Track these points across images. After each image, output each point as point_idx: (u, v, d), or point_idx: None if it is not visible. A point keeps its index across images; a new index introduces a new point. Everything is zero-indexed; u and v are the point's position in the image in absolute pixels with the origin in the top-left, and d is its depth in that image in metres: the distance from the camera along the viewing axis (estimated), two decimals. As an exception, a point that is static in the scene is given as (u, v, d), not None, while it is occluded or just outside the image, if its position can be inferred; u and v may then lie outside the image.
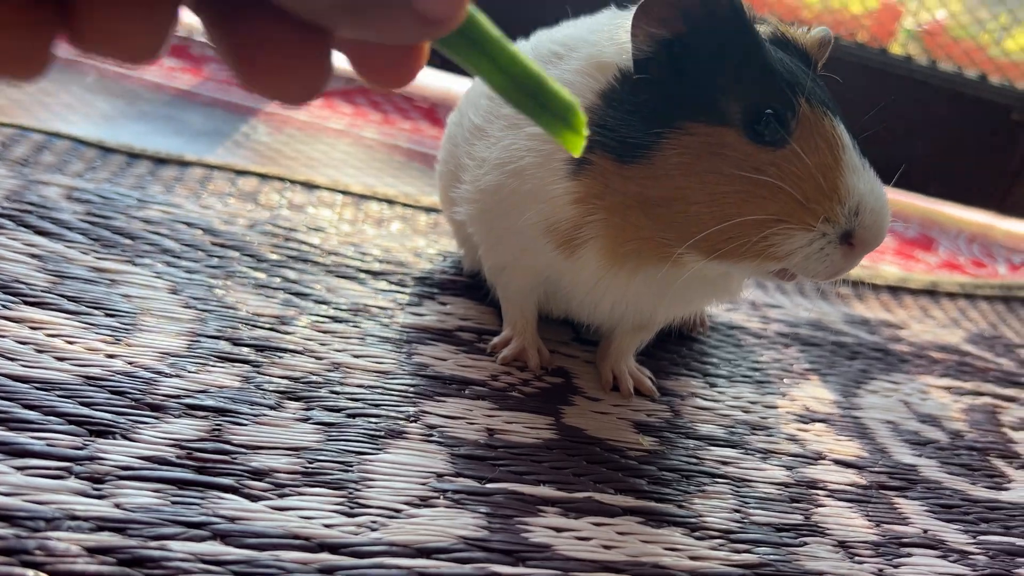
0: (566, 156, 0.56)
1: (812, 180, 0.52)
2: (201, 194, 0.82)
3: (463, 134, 0.68)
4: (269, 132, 1.10)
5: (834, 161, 0.52)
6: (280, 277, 0.71)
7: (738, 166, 0.52)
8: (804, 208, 0.52)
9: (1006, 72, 1.59)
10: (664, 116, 0.53)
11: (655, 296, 0.60)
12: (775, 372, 0.77)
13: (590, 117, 0.56)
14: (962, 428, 0.75)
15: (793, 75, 0.53)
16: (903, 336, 0.90)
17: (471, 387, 0.63)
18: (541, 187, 0.58)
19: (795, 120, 0.52)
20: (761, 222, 0.52)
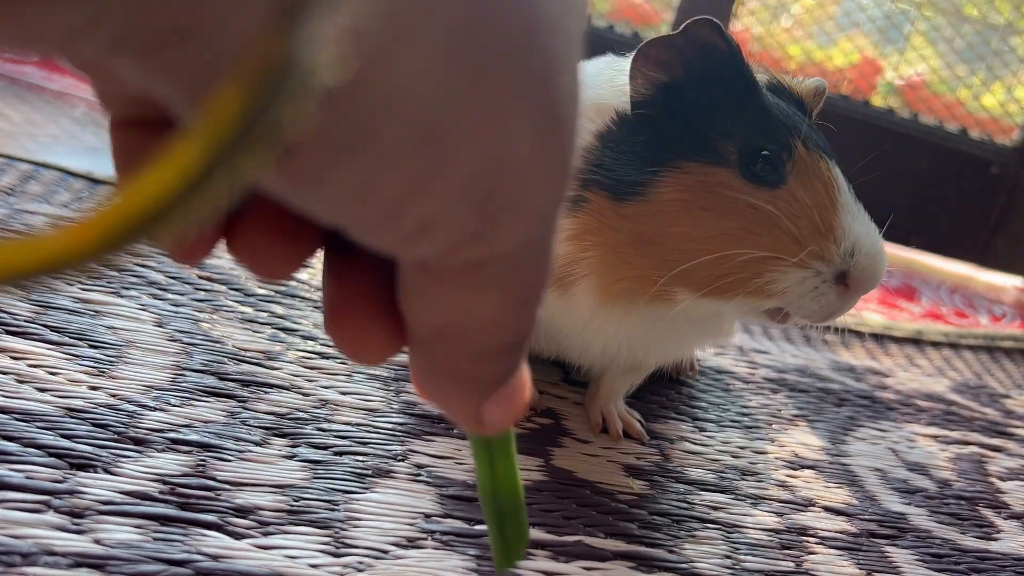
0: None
1: (808, 219, 0.52)
2: (188, 228, 0.81)
3: None
4: (257, 168, 1.10)
5: (830, 202, 0.53)
6: (267, 312, 0.70)
7: (734, 204, 0.52)
8: (799, 246, 0.52)
9: (984, 127, 1.62)
10: (660, 156, 0.54)
11: (647, 337, 0.60)
12: (763, 417, 0.77)
13: (586, 157, 0.56)
14: (950, 477, 0.75)
15: (789, 118, 0.54)
16: (889, 384, 0.90)
17: (457, 427, 0.62)
18: None
19: (791, 161, 0.53)
20: (756, 260, 0.52)
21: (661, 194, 0.53)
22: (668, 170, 0.53)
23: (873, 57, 1.97)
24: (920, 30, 1.75)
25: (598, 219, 0.55)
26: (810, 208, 0.52)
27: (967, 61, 1.72)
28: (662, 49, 0.54)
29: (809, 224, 0.52)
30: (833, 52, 1.88)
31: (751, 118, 0.54)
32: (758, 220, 0.52)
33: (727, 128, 0.54)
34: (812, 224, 0.52)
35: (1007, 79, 1.67)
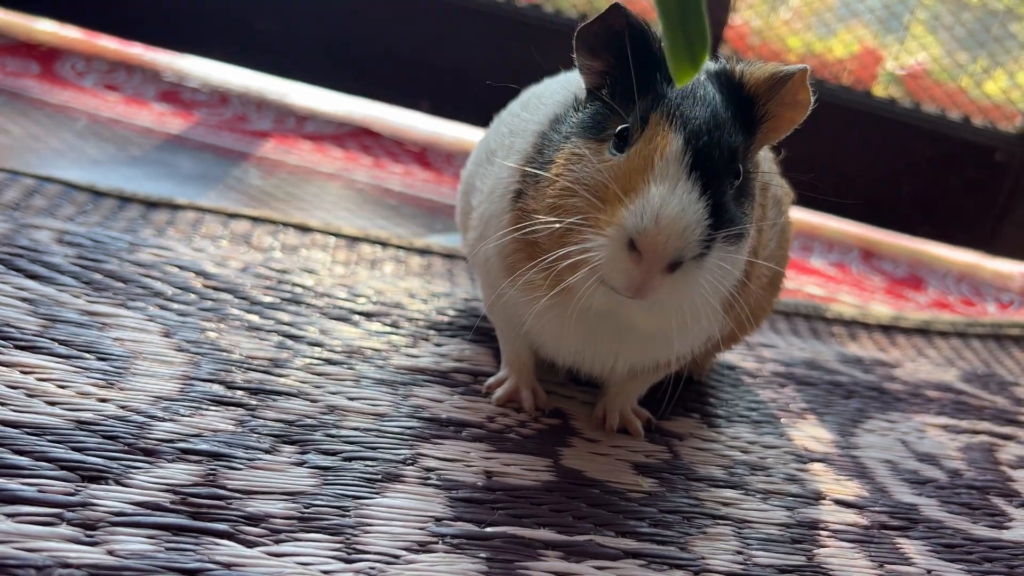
0: (516, 185, 0.59)
1: (617, 185, 0.52)
2: (193, 237, 0.82)
3: (479, 156, 0.71)
4: (261, 176, 1.10)
5: (644, 168, 0.52)
6: (273, 319, 0.70)
7: (582, 173, 0.54)
8: (600, 211, 0.52)
9: (987, 114, 1.61)
10: (571, 136, 0.57)
11: (595, 336, 0.60)
12: (772, 411, 0.77)
13: (538, 141, 0.60)
14: (960, 467, 0.74)
15: (667, 96, 0.55)
16: (898, 375, 0.90)
17: (468, 429, 0.62)
18: (500, 211, 0.61)
19: (639, 132, 0.53)
20: (576, 228, 0.53)
21: (552, 169, 0.56)
22: (563, 146, 0.56)
23: (873, 47, 1.97)
24: (920, 18, 1.74)
25: (530, 207, 0.57)
26: (624, 174, 0.52)
27: (968, 48, 1.72)
28: (588, 37, 0.57)
29: (612, 190, 0.52)
30: (833, 43, 1.88)
31: (638, 95, 0.55)
32: (585, 188, 0.53)
33: (621, 105, 0.55)
34: (619, 190, 0.52)
35: (1009, 65, 1.66)
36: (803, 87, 0.59)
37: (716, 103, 0.56)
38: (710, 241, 0.53)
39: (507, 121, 0.71)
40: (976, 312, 1.28)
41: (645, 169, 0.52)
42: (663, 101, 0.55)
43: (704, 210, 0.52)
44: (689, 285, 0.53)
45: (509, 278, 0.61)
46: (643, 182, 0.52)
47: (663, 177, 0.52)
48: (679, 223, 0.51)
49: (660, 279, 0.52)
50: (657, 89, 0.56)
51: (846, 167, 1.56)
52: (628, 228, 0.51)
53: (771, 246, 0.70)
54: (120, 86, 1.32)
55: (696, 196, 0.52)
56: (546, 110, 0.64)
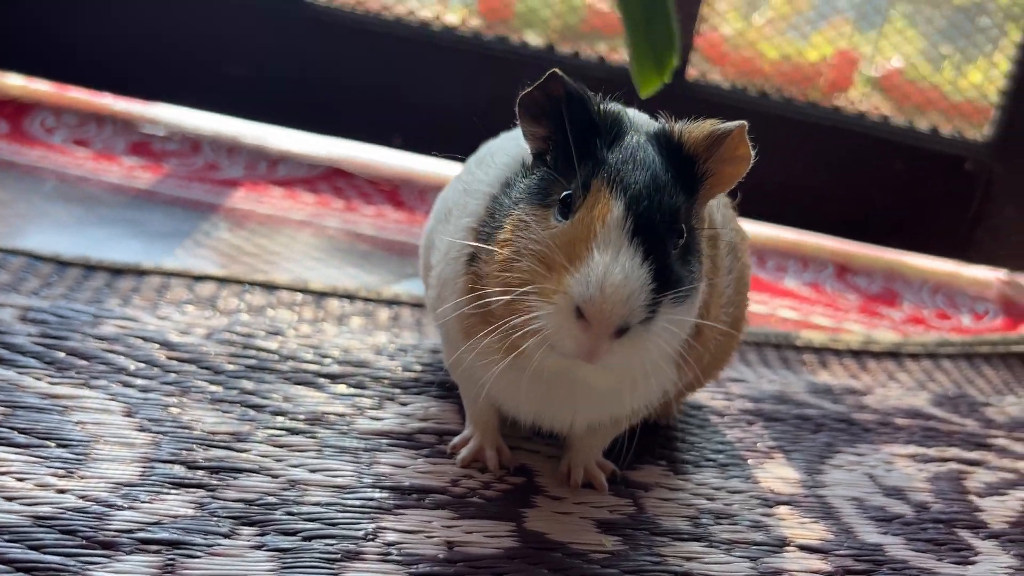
0: (470, 248, 0.60)
1: (563, 253, 0.53)
2: (159, 303, 0.82)
3: (439, 212, 0.71)
4: (230, 228, 1.11)
5: (588, 235, 0.53)
6: (237, 389, 0.71)
7: (529, 241, 0.55)
8: (547, 280, 0.53)
9: (963, 111, 1.61)
10: (519, 202, 0.58)
11: (552, 397, 0.60)
12: (740, 452, 0.77)
13: (489, 204, 0.61)
14: (928, 499, 0.75)
15: (607, 162, 0.55)
16: (868, 403, 0.91)
17: (431, 495, 0.62)
18: (455, 274, 0.62)
19: (582, 198, 0.54)
20: (526, 298, 0.53)
21: (501, 236, 0.57)
22: (512, 213, 0.57)
23: (848, 50, 1.98)
24: (901, 11, 1.74)
25: (483, 271, 0.58)
26: (569, 242, 0.53)
27: (950, 39, 1.72)
28: (529, 104, 0.58)
29: (560, 258, 0.53)
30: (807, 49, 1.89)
31: (581, 162, 0.56)
32: (532, 256, 0.54)
33: (564, 171, 0.56)
34: (564, 258, 0.53)
35: (990, 54, 1.66)
36: (742, 143, 0.60)
37: (656, 166, 0.57)
38: (656, 305, 0.53)
39: (464, 179, 0.71)
40: (951, 325, 1.29)
41: (588, 237, 0.53)
42: (604, 167, 0.56)
43: (648, 275, 0.53)
44: (637, 348, 0.54)
45: (466, 342, 0.61)
46: (586, 250, 0.53)
47: (606, 244, 0.53)
48: (624, 290, 0.52)
49: (608, 344, 0.53)
50: (598, 155, 0.57)
51: (819, 183, 1.57)
52: (575, 297, 0.52)
53: (728, 292, 0.70)
54: (90, 140, 1.33)
55: (639, 262, 0.53)
56: (497, 172, 0.65)
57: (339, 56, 1.52)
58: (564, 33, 1.99)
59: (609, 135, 0.58)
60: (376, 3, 1.55)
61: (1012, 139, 1.54)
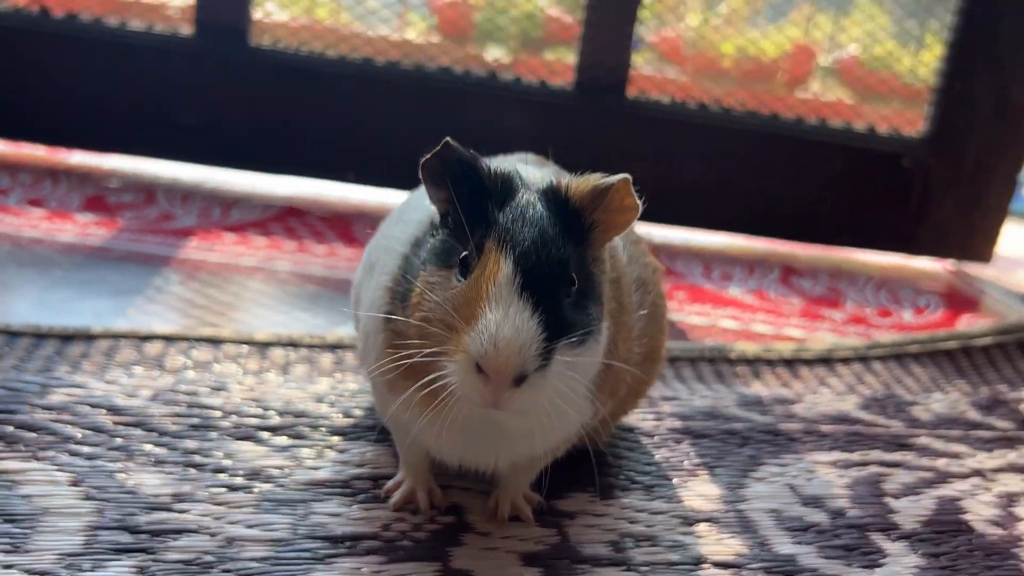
0: (387, 306, 0.65)
1: (461, 312, 0.58)
2: (107, 367, 0.86)
3: (365, 266, 0.75)
4: (181, 281, 1.14)
5: (481, 294, 0.57)
6: (180, 449, 0.74)
7: (433, 302, 0.59)
8: (450, 338, 0.58)
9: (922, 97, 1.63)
10: (426, 263, 0.62)
11: (472, 440, 0.64)
12: (666, 472, 0.81)
13: (404, 262, 0.65)
14: (845, 505, 0.79)
15: (498, 223, 0.60)
16: (796, 412, 0.95)
17: (363, 542, 0.66)
18: (375, 330, 0.66)
19: (476, 261, 0.59)
20: (438, 354, 0.58)
21: (410, 301, 0.61)
22: (420, 273, 0.62)
23: (805, 43, 2.03)
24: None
25: (399, 328, 0.63)
26: (465, 303, 0.58)
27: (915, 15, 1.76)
28: (428, 168, 0.63)
29: (459, 317, 0.58)
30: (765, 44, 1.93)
31: (476, 223, 0.61)
32: (437, 317, 0.59)
33: (462, 234, 0.61)
34: (461, 316, 0.58)
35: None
36: (627, 194, 0.64)
37: (544, 221, 0.61)
38: (550, 352, 0.57)
39: (384, 233, 0.75)
40: (892, 322, 1.34)
41: (481, 296, 0.57)
42: (495, 228, 0.60)
43: (538, 326, 0.57)
44: (537, 393, 0.58)
45: (390, 394, 0.65)
46: (480, 309, 0.57)
47: (497, 302, 0.57)
48: (515, 343, 0.56)
49: (510, 393, 0.57)
50: (490, 216, 0.61)
51: (768, 190, 1.61)
52: (472, 354, 0.56)
53: (640, 326, 0.74)
54: (45, 199, 1.36)
55: (528, 315, 0.57)
56: (411, 230, 0.69)
57: (287, 97, 1.56)
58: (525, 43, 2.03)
59: (500, 196, 0.63)
60: (320, 43, 1.59)
61: (945, 134, 1.59)
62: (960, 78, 1.56)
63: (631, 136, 1.58)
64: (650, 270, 0.79)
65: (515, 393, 0.57)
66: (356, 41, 1.61)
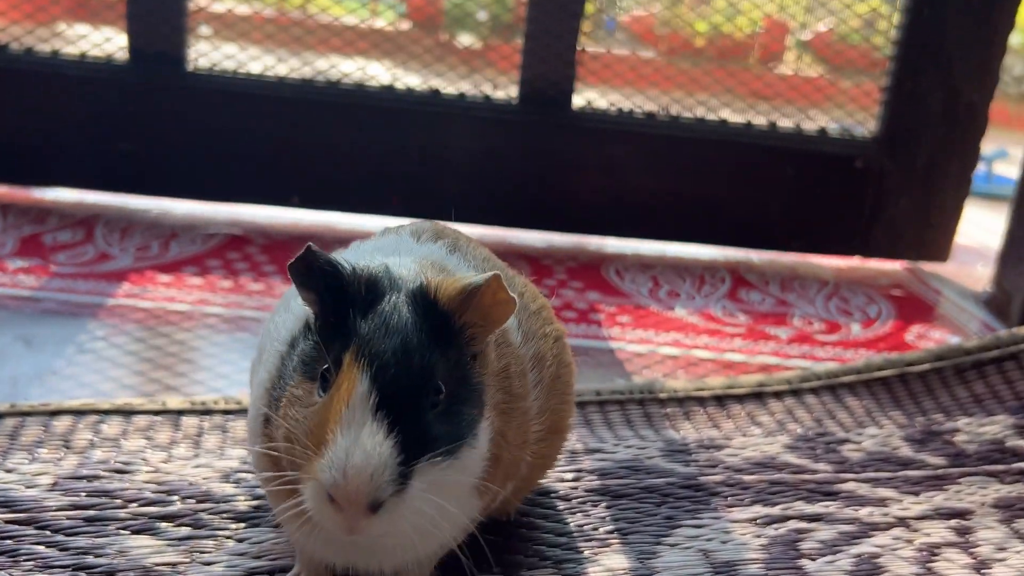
0: (265, 409, 0.63)
1: (311, 434, 0.56)
2: (10, 451, 0.84)
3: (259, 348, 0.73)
4: (106, 335, 1.12)
5: (333, 416, 0.55)
6: (72, 548, 0.73)
7: (296, 419, 0.58)
8: (305, 461, 0.56)
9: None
10: (295, 371, 0.61)
11: (355, 551, 0.63)
12: (577, 544, 0.80)
13: (280, 362, 0.63)
14: (757, 572, 0.78)
15: (359, 333, 0.58)
16: (721, 458, 0.93)
17: (247, 650, 0.65)
18: (254, 432, 0.66)
19: (334, 376, 0.57)
20: (297, 477, 0.56)
21: (280, 410, 0.59)
22: (288, 384, 0.60)
23: (779, 19, 1.99)
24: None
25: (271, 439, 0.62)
26: (319, 424, 0.56)
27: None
28: (293, 272, 0.60)
29: (311, 440, 0.56)
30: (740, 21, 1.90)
31: (336, 335, 0.59)
32: (296, 436, 0.57)
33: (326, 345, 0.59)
34: (313, 440, 0.56)
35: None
36: (499, 289, 0.61)
37: (408, 328, 0.59)
38: (406, 475, 0.56)
39: (273, 319, 0.73)
40: (839, 337, 1.32)
41: (335, 418, 0.56)
42: (355, 339, 0.58)
43: (393, 449, 0.55)
44: (395, 518, 0.56)
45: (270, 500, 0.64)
46: (332, 432, 0.55)
47: (348, 424, 0.55)
48: (365, 471, 0.54)
49: (366, 520, 0.55)
50: (351, 327, 0.59)
51: (713, 196, 1.59)
52: (322, 483, 0.54)
53: (537, 404, 0.72)
54: (-23, 244, 1.34)
55: (382, 437, 0.55)
56: (289, 325, 0.67)
57: (227, 121, 1.53)
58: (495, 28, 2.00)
59: (364, 302, 0.60)
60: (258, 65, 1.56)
61: (898, 134, 1.57)
62: (910, 77, 1.53)
63: (577, 148, 1.56)
64: (550, 341, 0.77)
65: (372, 520, 0.55)
66: (323, 33, 1.59)
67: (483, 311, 0.62)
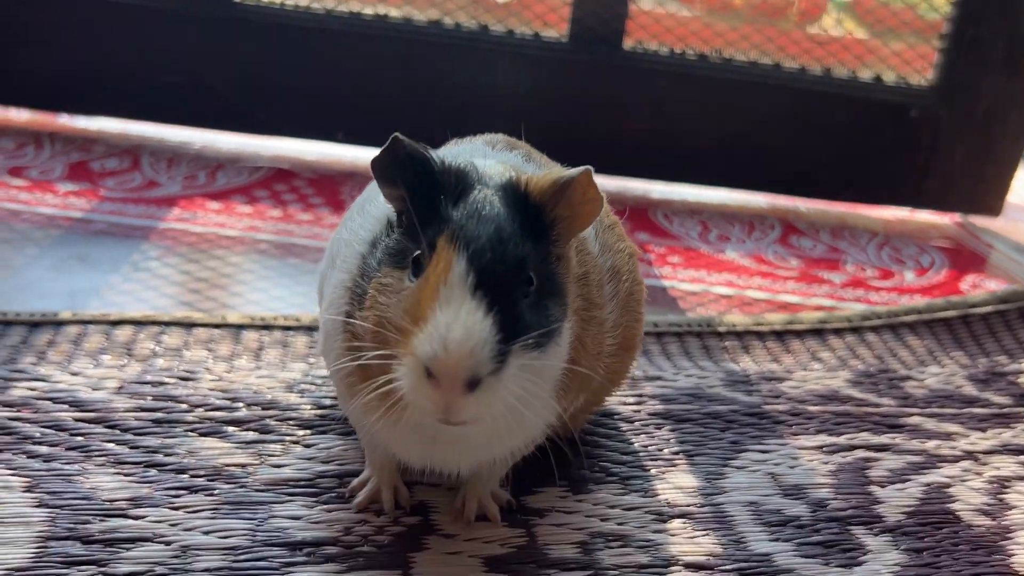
0: (346, 306, 0.62)
1: (407, 313, 0.55)
2: (74, 356, 0.84)
3: (328, 257, 0.73)
4: (160, 256, 1.12)
5: (431, 294, 0.54)
6: (142, 447, 0.73)
7: (386, 305, 0.57)
8: (400, 342, 0.55)
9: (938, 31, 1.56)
10: (381, 264, 0.60)
11: (437, 446, 0.62)
12: (643, 462, 0.79)
13: (361, 264, 0.63)
14: (827, 495, 0.77)
15: (452, 220, 0.57)
16: (783, 390, 0.92)
17: (322, 548, 0.65)
18: (334, 331, 0.64)
19: (428, 259, 0.56)
20: (388, 357, 0.55)
21: (366, 303, 0.59)
22: (375, 275, 0.59)
23: None
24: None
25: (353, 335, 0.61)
26: (416, 303, 0.55)
27: None
28: (378, 165, 0.60)
29: (408, 318, 0.55)
30: None
31: (427, 221, 0.58)
32: (389, 320, 0.56)
33: (414, 232, 0.58)
34: (410, 318, 0.55)
35: None
36: (590, 186, 0.60)
37: (500, 218, 0.58)
38: (504, 354, 0.55)
39: (348, 225, 0.72)
40: (893, 283, 1.30)
41: (433, 296, 0.55)
42: (448, 224, 0.57)
43: (492, 326, 0.54)
44: (492, 398, 0.55)
45: (349, 395, 0.63)
46: (431, 309, 0.54)
47: (448, 302, 0.54)
48: (466, 344, 0.53)
49: (463, 399, 0.54)
50: (443, 213, 0.58)
51: (765, 142, 1.56)
52: (420, 356, 0.53)
53: (612, 318, 0.71)
54: (27, 167, 1.33)
55: (482, 315, 0.54)
56: (368, 228, 0.66)
57: (273, 54, 1.52)
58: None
59: (454, 192, 0.59)
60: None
61: (956, 83, 1.53)
62: (971, 23, 1.49)
63: (627, 89, 1.53)
64: (624, 257, 0.76)
65: (468, 400, 0.54)
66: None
67: (573, 207, 0.60)
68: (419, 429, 0.61)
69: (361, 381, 0.60)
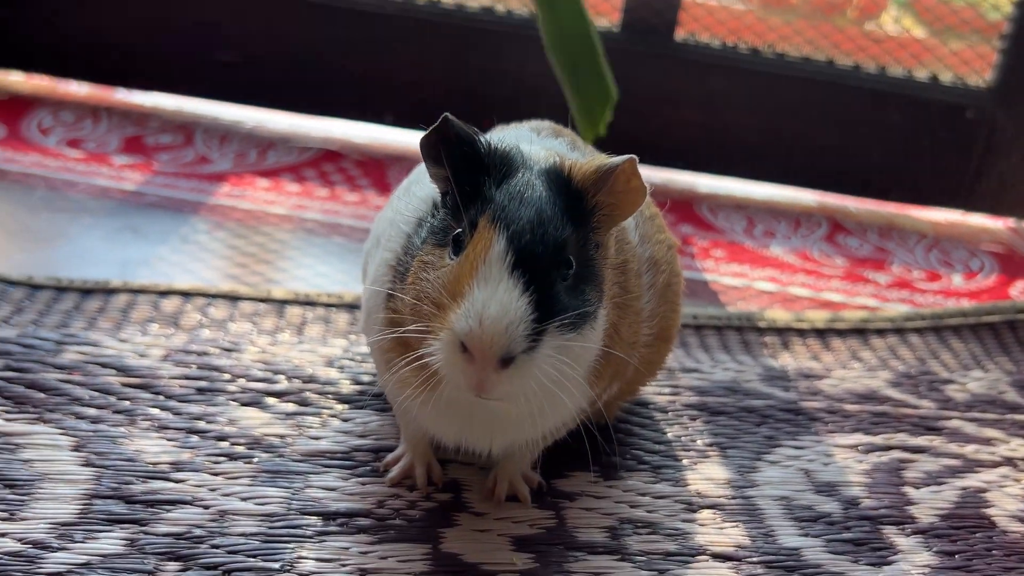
0: (389, 284, 0.63)
1: (448, 289, 0.56)
2: (123, 324, 0.86)
3: (373, 237, 0.74)
4: (209, 230, 1.14)
5: (470, 271, 0.55)
6: (184, 414, 0.75)
7: (427, 282, 0.58)
8: (437, 316, 0.56)
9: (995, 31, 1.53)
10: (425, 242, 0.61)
11: (470, 424, 0.63)
12: (675, 452, 0.79)
13: (405, 243, 0.63)
14: (860, 494, 0.76)
15: (494, 200, 0.58)
16: (821, 388, 0.92)
17: (355, 519, 0.66)
18: (376, 307, 0.66)
19: (469, 238, 0.57)
20: (427, 332, 0.56)
21: (410, 274, 0.60)
22: (419, 253, 0.60)
23: None
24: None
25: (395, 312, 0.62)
26: (454, 280, 0.56)
27: None
28: (427, 147, 0.61)
29: (446, 294, 0.56)
30: None
31: (469, 201, 0.59)
32: (428, 296, 0.57)
33: (457, 212, 0.59)
34: (449, 294, 0.56)
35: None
36: (633, 175, 0.60)
37: (542, 201, 0.59)
38: (539, 334, 0.55)
39: (393, 206, 0.73)
40: (940, 286, 1.28)
41: (471, 273, 0.56)
42: (490, 205, 0.58)
43: (528, 306, 0.55)
44: (525, 377, 0.56)
45: (388, 371, 0.64)
46: (468, 286, 0.55)
47: (486, 279, 0.55)
48: (501, 321, 0.54)
49: (496, 376, 0.55)
50: (486, 194, 0.59)
51: (815, 139, 1.55)
52: (456, 331, 0.55)
53: (649, 307, 0.72)
54: (84, 139, 1.37)
55: (518, 294, 0.55)
56: (415, 207, 0.67)
57: (326, 38, 1.54)
58: None
59: (498, 174, 0.60)
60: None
61: (1014, 85, 1.50)
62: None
63: (677, 80, 1.52)
64: (664, 248, 0.76)
65: (501, 376, 0.55)
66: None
67: (616, 195, 0.61)
68: (453, 406, 0.62)
69: (399, 355, 0.61)
